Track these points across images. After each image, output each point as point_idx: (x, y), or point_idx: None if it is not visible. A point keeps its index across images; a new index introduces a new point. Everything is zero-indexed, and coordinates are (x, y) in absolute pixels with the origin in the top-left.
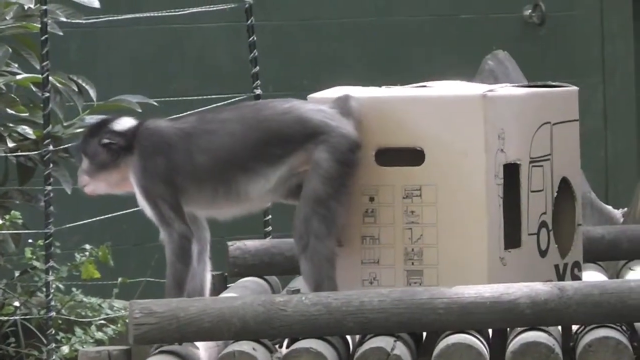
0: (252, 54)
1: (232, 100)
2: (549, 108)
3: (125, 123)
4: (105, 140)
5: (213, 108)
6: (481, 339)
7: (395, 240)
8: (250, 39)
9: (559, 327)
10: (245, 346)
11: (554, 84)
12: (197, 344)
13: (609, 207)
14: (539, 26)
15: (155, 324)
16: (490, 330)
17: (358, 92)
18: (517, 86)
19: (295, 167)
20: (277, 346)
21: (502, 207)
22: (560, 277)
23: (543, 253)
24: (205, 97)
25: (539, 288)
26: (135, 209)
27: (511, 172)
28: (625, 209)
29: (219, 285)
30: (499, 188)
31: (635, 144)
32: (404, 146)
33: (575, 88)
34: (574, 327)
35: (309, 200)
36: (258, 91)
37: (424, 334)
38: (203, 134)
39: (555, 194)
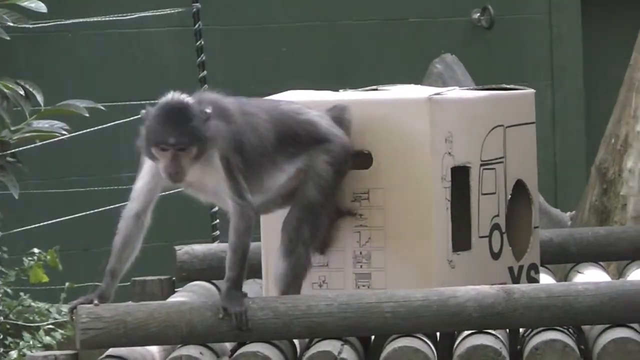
0: (199, 58)
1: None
2: (502, 111)
3: (188, 99)
4: (209, 111)
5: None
6: (429, 342)
7: (344, 243)
8: (198, 43)
9: (506, 330)
10: (193, 350)
11: (509, 86)
12: (147, 348)
13: (557, 211)
14: (488, 29)
15: (103, 328)
16: (437, 334)
17: (308, 96)
18: (467, 89)
19: (297, 171)
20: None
21: (450, 209)
22: (515, 279)
23: (496, 255)
24: (153, 101)
25: (486, 291)
26: (84, 213)
27: (462, 175)
28: (573, 212)
29: (167, 289)
30: (446, 191)
31: (584, 147)
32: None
33: (531, 91)
34: (521, 330)
35: (303, 207)
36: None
37: (372, 337)
38: (247, 115)
39: (509, 196)
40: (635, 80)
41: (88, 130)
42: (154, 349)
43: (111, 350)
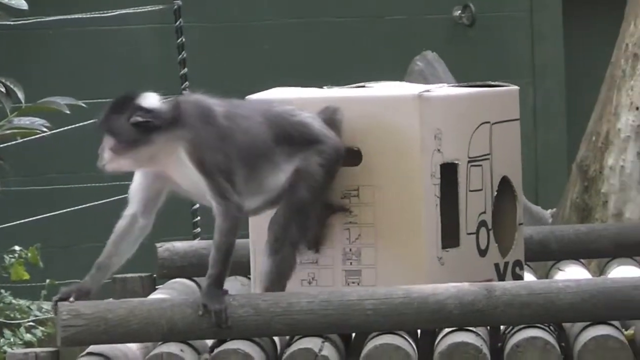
0: (180, 55)
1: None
2: (488, 108)
3: (154, 100)
4: (138, 119)
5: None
6: (410, 340)
7: (334, 240)
8: (179, 40)
9: (487, 328)
10: (174, 347)
11: (493, 83)
12: (128, 345)
13: (538, 208)
14: (469, 27)
15: (83, 325)
16: (418, 331)
17: (296, 93)
18: (455, 86)
19: (295, 170)
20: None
21: (439, 206)
22: (501, 276)
23: (483, 252)
24: None
25: (466, 289)
26: (65, 210)
27: (450, 171)
28: (554, 209)
29: (147, 286)
30: (435, 188)
31: (565, 144)
32: None
33: (515, 87)
34: (502, 328)
35: (292, 206)
36: (186, 92)
37: (353, 334)
38: (240, 117)
39: (495, 193)
40: (616, 78)
41: (69, 127)
42: (135, 346)
43: (92, 348)
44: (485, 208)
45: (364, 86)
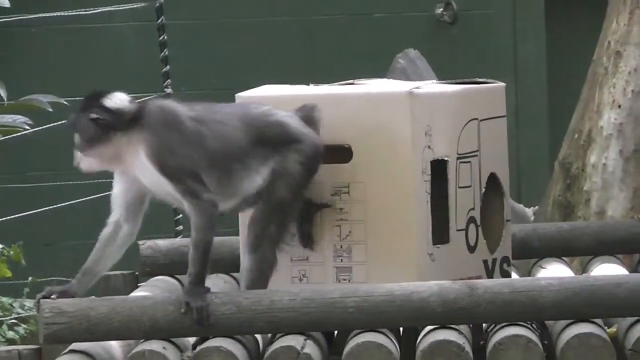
0: (162, 53)
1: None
2: (476, 104)
3: (118, 100)
4: (93, 116)
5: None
6: (392, 337)
7: (325, 237)
8: (161, 38)
9: (469, 326)
10: (156, 345)
11: (480, 80)
12: (110, 342)
13: (521, 206)
14: (451, 25)
15: (66, 323)
16: (401, 329)
17: (286, 90)
18: (444, 83)
19: (271, 172)
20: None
21: (429, 203)
22: (489, 272)
23: (472, 249)
24: None
25: (449, 287)
26: (47, 208)
27: (439, 168)
28: (537, 207)
29: (130, 284)
30: (426, 184)
31: (547, 143)
32: (332, 144)
33: (502, 84)
34: (485, 325)
35: (272, 204)
36: (169, 90)
37: (335, 332)
38: (214, 122)
39: (484, 189)
40: (598, 76)
41: (51, 125)
42: (117, 344)
43: (74, 345)
44: (474, 204)
45: (353, 83)
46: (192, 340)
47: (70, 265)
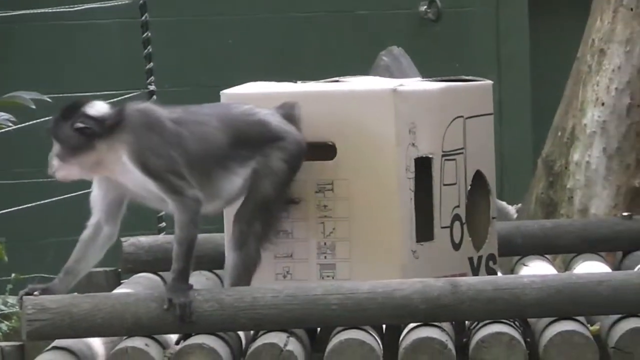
0: (146, 50)
1: (128, 96)
2: (462, 102)
3: (100, 107)
4: (79, 125)
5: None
6: (374, 335)
7: (309, 234)
8: (145, 35)
9: (452, 323)
10: (138, 342)
11: (467, 78)
12: (93, 339)
13: (504, 203)
14: (435, 22)
15: (48, 319)
16: (384, 326)
17: (272, 88)
18: (429, 80)
19: (252, 172)
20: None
21: (413, 200)
22: (475, 270)
23: (457, 246)
24: (99, 92)
25: (432, 284)
26: (29, 204)
27: (424, 166)
28: (520, 204)
29: (112, 281)
30: (410, 182)
31: (530, 140)
32: (316, 141)
33: (489, 82)
34: (467, 323)
35: (256, 202)
36: (152, 87)
37: (318, 329)
38: (194, 123)
39: (469, 187)
40: (582, 73)
41: (34, 122)
42: (100, 341)
43: (57, 342)
44: (459, 202)
45: (338, 81)
46: (174, 337)
47: (52, 261)
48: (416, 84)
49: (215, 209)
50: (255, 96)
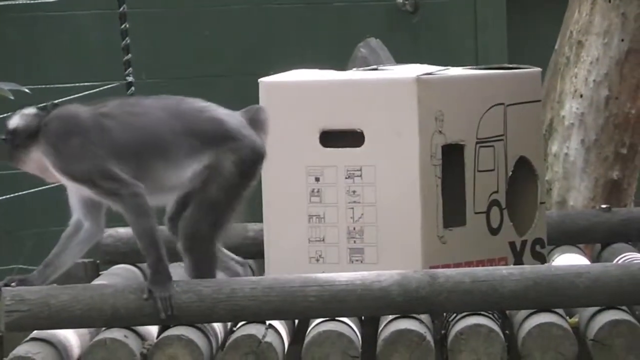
0: (124, 42)
1: (106, 87)
2: (502, 89)
3: (17, 118)
4: (1, 136)
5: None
6: (353, 326)
7: (339, 219)
8: (122, 26)
9: (431, 315)
10: (117, 333)
11: (510, 65)
12: (71, 330)
13: None
14: (412, 14)
15: (27, 311)
16: (362, 318)
17: (305, 76)
18: (466, 69)
19: (204, 167)
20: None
21: (439, 186)
22: (517, 254)
23: (494, 231)
24: (78, 84)
25: (410, 275)
26: (6, 197)
27: (458, 153)
28: None
29: (91, 272)
30: (436, 168)
31: None
32: (346, 128)
33: (537, 69)
34: (446, 315)
35: (202, 204)
36: (130, 78)
37: (296, 321)
38: (124, 114)
39: (510, 173)
40: (560, 65)
41: (12, 113)
42: (79, 332)
43: (35, 333)
44: (497, 188)
45: (376, 69)
46: (152, 329)
47: (31, 252)
48: (444, 72)
49: (161, 200)
50: (293, 84)
